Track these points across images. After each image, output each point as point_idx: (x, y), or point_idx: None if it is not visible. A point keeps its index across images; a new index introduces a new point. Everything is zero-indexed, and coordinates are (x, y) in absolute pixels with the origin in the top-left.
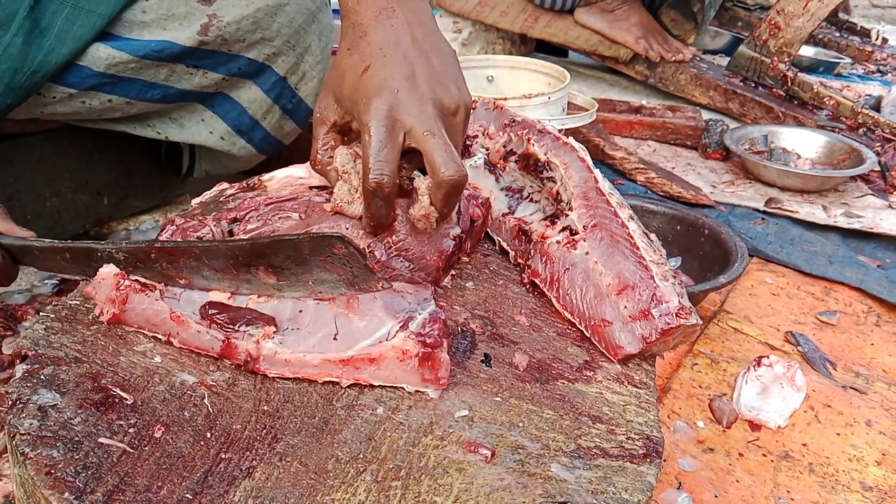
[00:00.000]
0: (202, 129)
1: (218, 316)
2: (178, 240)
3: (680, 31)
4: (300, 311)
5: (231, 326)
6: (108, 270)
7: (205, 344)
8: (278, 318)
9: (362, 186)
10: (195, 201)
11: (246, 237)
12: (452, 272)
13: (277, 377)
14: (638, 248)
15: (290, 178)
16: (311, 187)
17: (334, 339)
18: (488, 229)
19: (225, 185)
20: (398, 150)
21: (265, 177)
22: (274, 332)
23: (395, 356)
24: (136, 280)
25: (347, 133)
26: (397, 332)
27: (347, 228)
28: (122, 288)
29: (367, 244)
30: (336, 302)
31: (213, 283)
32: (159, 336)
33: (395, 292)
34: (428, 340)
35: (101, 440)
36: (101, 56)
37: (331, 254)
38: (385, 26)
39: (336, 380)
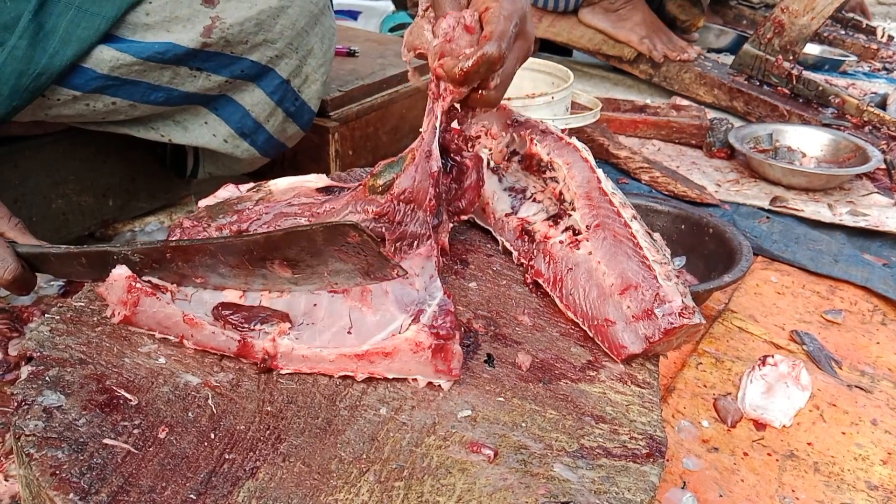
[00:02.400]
0: (205, 132)
1: (232, 316)
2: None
3: (688, 17)
4: (314, 305)
5: (246, 326)
6: (120, 272)
7: (220, 345)
8: (292, 314)
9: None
10: (202, 203)
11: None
12: (456, 268)
13: (291, 373)
14: (641, 247)
15: (296, 182)
16: (316, 189)
17: (348, 333)
18: (491, 229)
19: (231, 186)
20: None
21: (272, 182)
22: (289, 329)
23: (408, 349)
24: (148, 282)
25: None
26: (409, 325)
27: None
28: (133, 290)
29: (380, 208)
30: (349, 295)
31: (228, 281)
32: (170, 338)
33: (404, 282)
34: (441, 332)
35: (106, 441)
36: (105, 58)
37: (345, 243)
38: None
39: (351, 374)
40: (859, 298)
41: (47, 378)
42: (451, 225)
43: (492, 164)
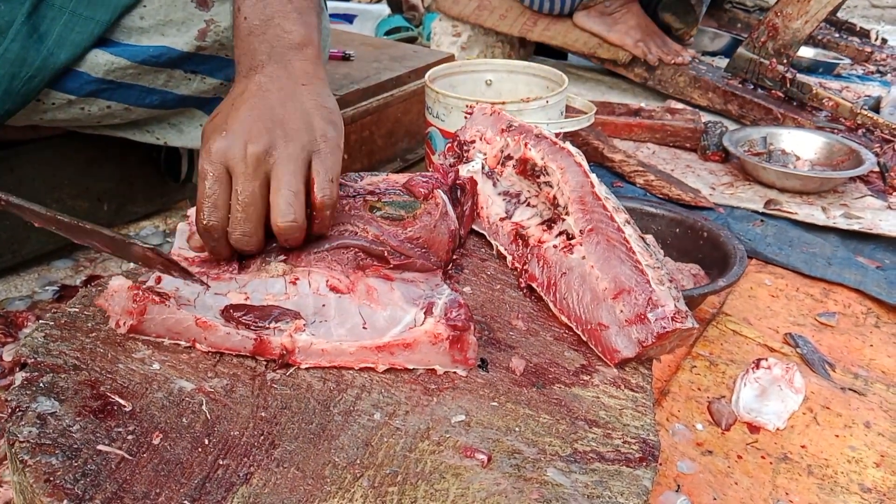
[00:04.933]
0: (201, 134)
1: (244, 317)
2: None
3: (682, 25)
4: (323, 306)
5: (260, 324)
6: (121, 283)
7: (235, 345)
8: (302, 314)
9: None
10: (191, 212)
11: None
12: (450, 272)
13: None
14: (634, 252)
15: None
16: None
17: (364, 328)
18: (486, 233)
19: None
20: (227, 192)
21: None
22: (304, 325)
23: (427, 340)
24: (151, 289)
25: None
26: (425, 317)
27: (352, 234)
28: (139, 299)
29: (381, 234)
30: (356, 294)
31: (66, 235)
32: (164, 342)
33: (408, 282)
34: (457, 324)
35: (100, 447)
36: (99, 62)
37: (143, 257)
38: (248, 81)
39: (371, 365)
40: (853, 301)
41: (41, 384)
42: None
43: (486, 168)
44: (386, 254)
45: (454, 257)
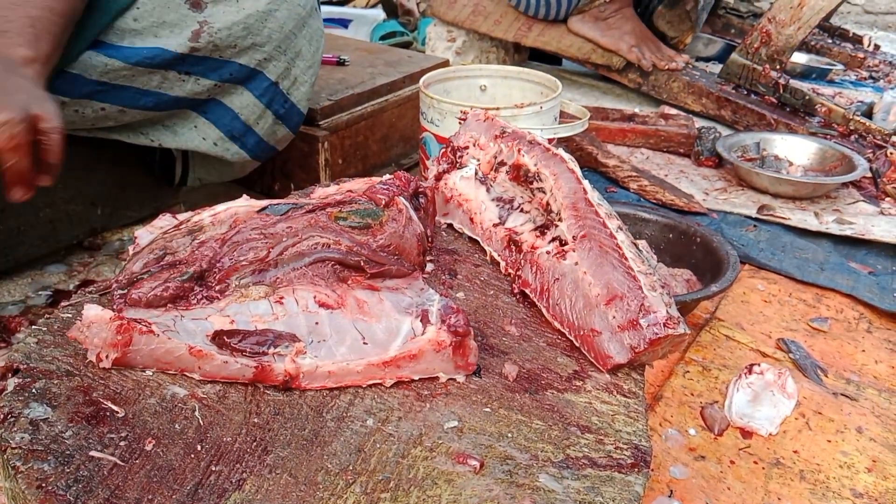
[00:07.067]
0: (195, 136)
1: (240, 343)
2: None
3: (676, 33)
4: (316, 324)
5: (260, 351)
6: (98, 313)
7: (233, 373)
8: (297, 334)
9: None
10: (138, 232)
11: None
12: (444, 278)
13: (307, 388)
14: (626, 258)
15: (231, 209)
16: (256, 212)
17: (364, 343)
18: (479, 239)
19: (167, 216)
20: None
21: (204, 214)
22: (304, 347)
23: (431, 349)
24: (132, 319)
25: None
26: (424, 326)
27: (325, 246)
28: (123, 330)
29: (355, 245)
30: (347, 309)
31: None
32: (171, 372)
33: (393, 290)
34: (459, 330)
35: (93, 453)
36: (93, 64)
37: None
38: None
39: (379, 381)
40: (845, 306)
41: (34, 390)
42: (430, 261)
43: (480, 174)
44: (363, 263)
45: (429, 258)
